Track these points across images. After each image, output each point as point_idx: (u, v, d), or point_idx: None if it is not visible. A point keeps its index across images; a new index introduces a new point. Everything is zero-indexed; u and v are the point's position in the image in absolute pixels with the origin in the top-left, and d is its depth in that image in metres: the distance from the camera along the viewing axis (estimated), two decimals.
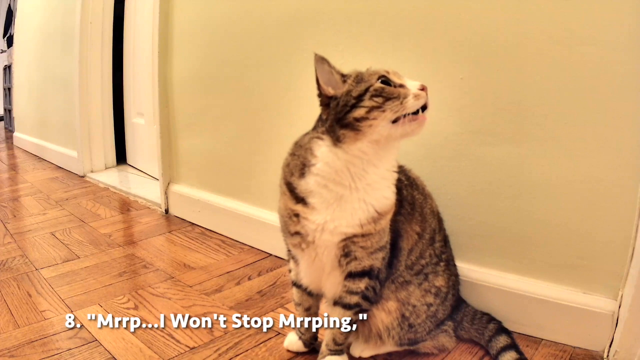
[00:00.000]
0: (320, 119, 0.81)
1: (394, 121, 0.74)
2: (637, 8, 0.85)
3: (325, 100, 0.78)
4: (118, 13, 2.60)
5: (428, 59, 1.10)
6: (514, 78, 0.99)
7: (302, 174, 0.80)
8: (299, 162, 0.81)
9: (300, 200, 0.80)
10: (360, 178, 0.78)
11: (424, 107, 0.75)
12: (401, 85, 0.76)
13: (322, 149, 0.78)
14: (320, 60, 0.77)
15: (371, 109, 0.73)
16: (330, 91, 0.77)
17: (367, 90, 0.74)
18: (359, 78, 0.77)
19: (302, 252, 0.86)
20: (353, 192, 0.78)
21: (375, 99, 0.73)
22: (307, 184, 0.79)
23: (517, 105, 0.99)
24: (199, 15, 1.68)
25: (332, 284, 0.87)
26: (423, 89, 0.75)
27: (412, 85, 0.76)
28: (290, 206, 0.82)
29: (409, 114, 0.74)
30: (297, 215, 0.81)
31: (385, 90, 0.74)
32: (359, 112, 0.74)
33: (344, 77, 0.78)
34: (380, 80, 0.75)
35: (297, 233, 0.83)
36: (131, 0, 2.53)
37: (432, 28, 1.09)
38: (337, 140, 0.76)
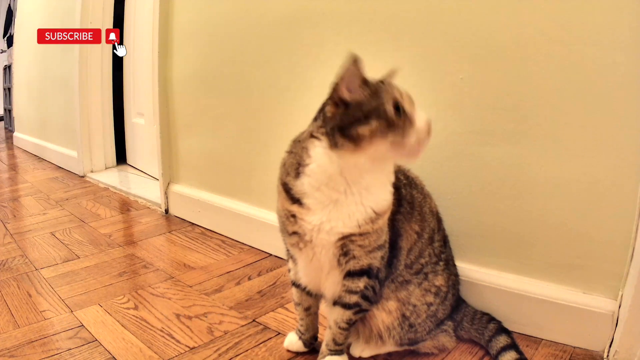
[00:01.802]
0: (322, 112, 0.78)
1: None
2: (637, 8, 0.85)
3: (336, 98, 0.75)
4: (118, 13, 2.60)
5: (428, 59, 1.10)
6: (514, 78, 0.99)
7: (297, 174, 0.79)
8: (295, 161, 0.80)
9: (295, 200, 0.80)
10: (356, 183, 0.77)
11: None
12: (409, 117, 0.73)
13: (318, 149, 0.76)
14: (355, 63, 0.72)
15: (374, 132, 0.71)
16: (345, 94, 0.74)
17: (377, 110, 0.72)
18: (375, 91, 0.74)
19: (300, 252, 0.86)
20: (349, 196, 0.78)
21: (382, 123, 0.72)
22: (302, 185, 0.78)
23: (517, 105, 1.00)
24: (199, 15, 1.68)
25: (331, 283, 0.87)
26: (428, 127, 0.74)
27: (420, 119, 0.74)
28: (286, 206, 0.82)
29: None
30: (293, 215, 0.81)
31: (394, 120, 0.72)
32: (362, 130, 0.72)
33: (364, 83, 0.74)
34: (393, 104, 0.73)
35: (294, 233, 0.83)
36: (131, 0, 2.53)
37: (432, 28, 1.09)
38: (334, 145, 0.74)
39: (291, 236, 0.84)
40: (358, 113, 0.72)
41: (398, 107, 0.73)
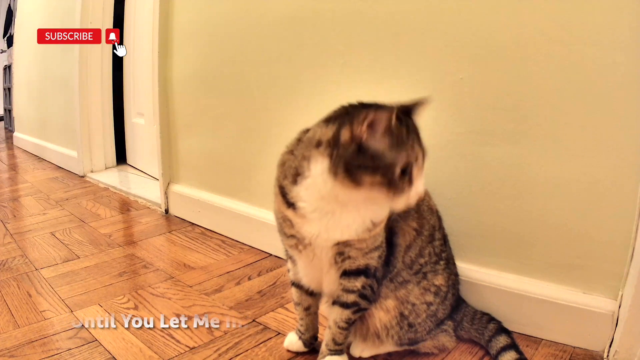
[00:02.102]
0: (339, 128, 0.71)
1: None
2: (637, 8, 0.85)
3: (355, 133, 0.69)
4: (118, 13, 2.60)
5: (428, 58, 1.10)
6: (514, 78, 0.99)
7: (294, 181, 0.77)
8: (294, 165, 0.78)
9: (291, 205, 0.79)
10: (352, 205, 0.76)
11: None
12: (412, 181, 0.72)
13: (318, 167, 0.74)
14: (389, 112, 0.68)
15: (375, 183, 0.70)
16: (364, 135, 0.69)
17: (386, 167, 0.70)
18: (395, 144, 0.70)
19: (300, 253, 0.86)
20: (344, 212, 0.77)
21: (385, 179, 0.70)
22: (298, 194, 0.77)
23: (517, 105, 0.99)
24: (199, 15, 1.68)
25: (329, 281, 0.87)
26: (419, 197, 0.73)
27: (416, 187, 0.72)
28: (283, 210, 0.81)
29: None
30: (290, 220, 0.81)
31: (396, 181, 0.70)
32: (366, 178, 0.70)
33: (388, 132, 0.69)
34: (402, 167, 0.70)
35: (292, 236, 0.83)
36: (131, 0, 2.53)
37: (432, 28, 1.09)
38: (334, 174, 0.72)
39: (289, 238, 0.84)
40: (368, 162, 0.69)
41: (405, 170, 0.71)
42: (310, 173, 0.75)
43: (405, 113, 0.75)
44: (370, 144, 0.69)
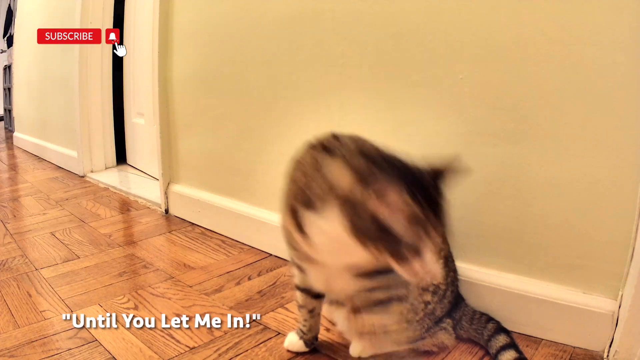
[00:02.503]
0: (358, 175, 0.67)
1: None
2: (637, 8, 0.85)
3: (368, 204, 0.66)
4: (118, 13, 2.60)
5: (428, 58, 1.10)
6: (514, 78, 0.99)
7: (307, 207, 0.73)
8: (307, 193, 0.72)
9: (300, 228, 0.75)
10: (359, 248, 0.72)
11: None
12: (416, 252, 0.67)
13: (331, 213, 0.69)
14: (404, 197, 0.64)
15: (379, 247, 0.67)
16: (374, 207, 0.65)
17: (392, 241, 0.66)
18: (410, 220, 0.65)
19: (312, 265, 0.83)
20: (355, 248, 0.71)
21: (388, 249, 0.67)
22: (309, 218, 0.73)
23: (517, 105, 0.99)
24: (199, 15, 1.68)
25: (345, 286, 0.84)
26: (430, 275, 0.69)
27: (424, 262, 0.68)
28: (291, 230, 0.78)
29: None
30: (299, 243, 0.78)
31: (403, 254, 0.67)
32: (369, 241, 0.67)
33: (401, 209, 0.65)
34: (408, 243, 0.66)
35: (302, 251, 0.81)
36: (131, 0, 2.53)
37: (432, 28, 1.09)
38: (341, 225, 0.68)
39: (298, 252, 0.81)
40: (373, 231, 0.66)
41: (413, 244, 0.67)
42: (323, 212, 0.70)
43: (435, 177, 0.72)
44: (379, 215, 0.66)
